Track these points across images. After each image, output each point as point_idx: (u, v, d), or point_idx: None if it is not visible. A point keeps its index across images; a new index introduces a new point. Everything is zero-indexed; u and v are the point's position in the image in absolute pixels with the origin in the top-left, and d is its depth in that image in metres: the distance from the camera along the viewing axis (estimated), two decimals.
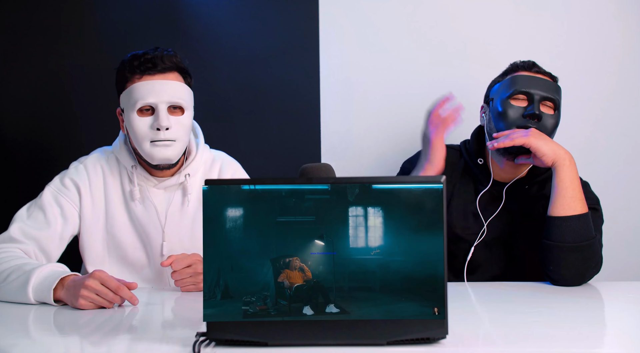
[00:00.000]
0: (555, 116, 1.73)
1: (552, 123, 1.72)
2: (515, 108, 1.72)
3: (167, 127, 1.59)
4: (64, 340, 1.14)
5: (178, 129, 1.62)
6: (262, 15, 2.31)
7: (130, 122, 1.61)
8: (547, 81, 1.74)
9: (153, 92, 1.59)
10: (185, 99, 1.64)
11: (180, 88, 1.63)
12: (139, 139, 1.61)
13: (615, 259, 2.28)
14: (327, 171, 1.28)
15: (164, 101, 1.60)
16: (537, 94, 1.71)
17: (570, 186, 1.62)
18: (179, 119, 1.62)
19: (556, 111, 1.74)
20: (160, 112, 1.59)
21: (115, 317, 1.28)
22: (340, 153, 2.35)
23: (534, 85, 1.72)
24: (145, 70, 1.61)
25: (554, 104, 1.73)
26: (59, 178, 1.69)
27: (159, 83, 1.60)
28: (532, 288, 1.57)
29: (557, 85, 1.76)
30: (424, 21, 2.34)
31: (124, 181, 1.70)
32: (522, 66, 1.78)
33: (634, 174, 2.32)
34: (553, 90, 1.73)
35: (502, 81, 1.79)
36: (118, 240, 1.69)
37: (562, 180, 1.62)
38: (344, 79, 2.34)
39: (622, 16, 2.31)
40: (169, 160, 1.63)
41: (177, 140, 1.62)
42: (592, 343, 1.09)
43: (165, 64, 1.62)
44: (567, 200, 1.61)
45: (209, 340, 1.03)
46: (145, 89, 1.59)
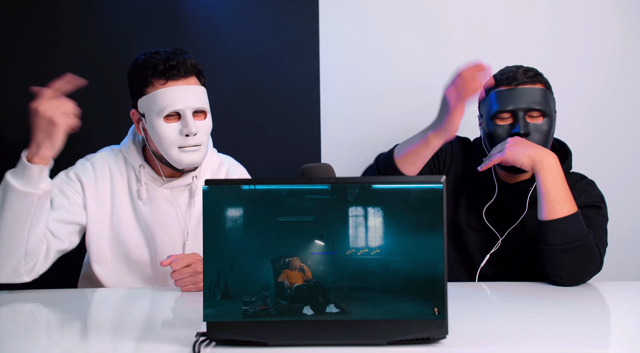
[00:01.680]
0: (545, 123, 1.71)
1: (543, 131, 1.71)
2: (502, 127, 1.72)
3: (196, 133, 1.61)
4: (64, 339, 1.14)
5: (203, 134, 1.64)
6: (262, 15, 2.31)
7: (156, 128, 1.61)
8: (529, 90, 1.71)
9: (179, 98, 1.60)
10: (206, 102, 1.67)
11: (202, 93, 1.65)
12: (166, 145, 1.61)
13: (615, 259, 2.28)
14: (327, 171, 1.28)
15: (190, 107, 1.61)
16: (520, 109, 1.69)
17: (552, 188, 1.60)
18: (202, 124, 1.64)
19: (546, 117, 1.71)
20: (187, 118, 1.60)
21: (115, 317, 1.28)
22: (340, 153, 2.35)
23: (516, 100, 1.70)
24: (170, 76, 1.61)
25: (541, 112, 1.70)
26: (64, 172, 1.70)
27: (183, 89, 1.61)
28: (532, 288, 1.57)
29: (542, 90, 1.72)
30: (424, 21, 2.34)
31: (131, 180, 1.71)
32: (501, 81, 1.74)
33: (634, 174, 2.32)
34: (537, 99, 1.70)
35: (486, 97, 1.78)
36: (123, 238, 1.69)
37: (543, 183, 1.61)
38: (344, 79, 2.34)
39: (622, 16, 2.31)
40: (196, 164, 1.66)
41: (202, 144, 1.64)
42: (592, 343, 1.09)
43: (188, 68, 1.63)
44: (552, 203, 1.59)
45: (209, 340, 1.03)
46: (172, 96, 1.59)
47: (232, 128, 2.30)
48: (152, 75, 1.61)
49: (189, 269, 1.50)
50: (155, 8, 2.28)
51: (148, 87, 1.62)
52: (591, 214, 1.70)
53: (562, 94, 2.33)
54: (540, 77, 1.76)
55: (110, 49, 2.26)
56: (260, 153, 2.30)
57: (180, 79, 1.61)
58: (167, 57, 1.61)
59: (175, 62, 1.61)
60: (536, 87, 1.72)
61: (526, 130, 1.69)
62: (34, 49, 2.26)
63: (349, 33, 2.33)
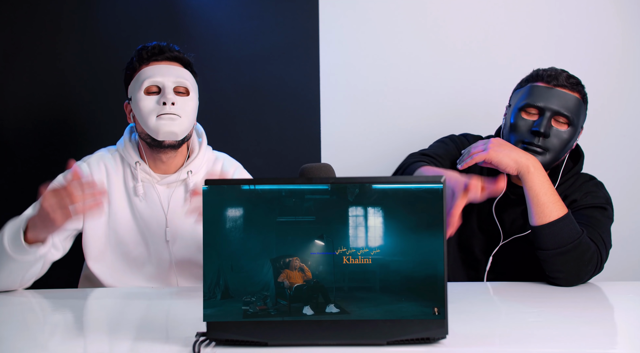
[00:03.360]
0: (568, 132, 1.68)
1: (563, 139, 1.68)
2: (525, 122, 1.69)
3: (173, 102, 1.64)
4: (65, 339, 1.14)
5: (184, 107, 1.66)
6: (262, 15, 2.31)
7: (137, 102, 1.65)
8: (565, 95, 1.69)
9: (159, 72, 1.66)
10: (190, 82, 1.69)
11: (186, 73, 1.70)
12: (145, 115, 1.64)
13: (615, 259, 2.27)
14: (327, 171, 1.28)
15: (170, 80, 1.65)
16: (549, 109, 1.67)
17: (540, 192, 1.58)
18: (184, 99, 1.67)
19: (570, 127, 1.68)
20: (166, 88, 1.64)
21: (115, 316, 1.28)
22: (340, 153, 2.35)
23: (548, 99, 1.68)
24: (152, 56, 1.68)
25: (568, 120, 1.68)
26: (62, 175, 1.70)
27: (166, 66, 1.68)
28: (532, 288, 1.57)
29: (577, 99, 1.70)
30: (424, 21, 2.34)
31: (127, 177, 1.72)
32: (541, 77, 1.73)
33: (634, 174, 2.32)
34: (570, 105, 1.68)
35: (521, 88, 1.76)
36: (120, 236, 1.69)
37: (530, 188, 1.59)
38: (344, 79, 2.34)
39: (623, 16, 2.31)
40: (174, 134, 1.65)
41: (182, 116, 1.65)
42: (592, 343, 1.09)
43: (173, 53, 1.70)
44: (541, 207, 1.58)
45: (209, 340, 1.03)
46: (152, 71, 1.66)
47: (232, 128, 2.30)
48: (137, 60, 1.69)
49: None
50: (155, 8, 2.28)
51: (135, 71, 1.69)
52: (595, 214, 1.68)
53: None
54: (581, 87, 1.73)
55: (110, 49, 2.26)
56: (260, 153, 2.30)
57: (163, 61, 1.69)
58: (153, 45, 1.70)
59: (166, 46, 1.70)
60: (573, 95, 1.70)
61: (546, 131, 1.66)
62: (34, 49, 2.26)
63: (349, 33, 2.33)
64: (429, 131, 2.01)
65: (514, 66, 2.32)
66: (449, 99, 2.34)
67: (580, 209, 1.69)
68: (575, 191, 1.74)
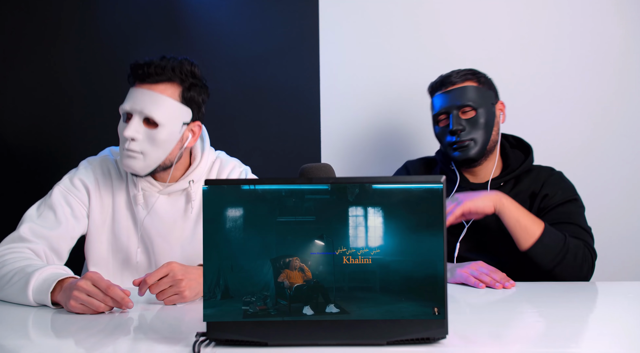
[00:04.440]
0: (480, 115, 1.82)
1: (479, 123, 1.82)
2: (442, 129, 1.87)
3: (132, 138, 1.56)
4: (65, 341, 1.14)
5: (145, 144, 1.58)
6: (262, 15, 2.31)
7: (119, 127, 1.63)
8: (458, 89, 1.83)
9: (131, 100, 1.58)
10: (162, 113, 1.57)
11: (163, 102, 1.58)
12: (120, 144, 1.62)
13: (615, 259, 2.28)
14: (327, 171, 1.28)
15: (136, 110, 1.57)
16: (451, 108, 1.82)
17: (520, 217, 1.68)
18: (150, 133, 1.58)
19: (479, 109, 1.82)
20: (131, 120, 1.57)
21: (116, 317, 1.28)
22: (340, 153, 2.35)
23: (446, 101, 1.84)
24: (141, 79, 1.59)
25: (471, 107, 1.82)
26: (68, 178, 1.68)
27: (141, 92, 1.58)
28: (532, 288, 1.57)
29: (472, 86, 1.83)
30: (424, 21, 2.34)
31: (129, 185, 1.70)
32: (435, 87, 1.89)
33: (634, 174, 2.32)
34: (466, 95, 1.82)
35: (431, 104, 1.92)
36: (122, 243, 1.69)
37: (510, 217, 1.69)
38: (344, 79, 2.34)
39: (623, 16, 2.31)
40: (135, 171, 1.61)
41: (144, 154, 1.58)
42: (592, 343, 1.09)
43: (164, 74, 1.58)
44: (524, 230, 1.68)
45: (209, 340, 1.03)
46: (130, 97, 1.59)
47: (232, 128, 2.30)
48: (131, 76, 1.62)
49: (167, 279, 1.37)
50: (155, 8, 2.28)
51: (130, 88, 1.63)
52: (570, 208, 1.78)
53: (563, 94, 2.34)
54: (471, 75, 1.86)
55: (110, 49, 2.27)
56: (260, 153, 2.30)
57: (148, 84, 1.59)
58: (150, 61, 1.59)
59: (153, 66, 1.58)
60: (466, 85, 1.84)
61: (458, 126, 1.81)
62: (34, 49, 2.26)
63: (349, 33, 2.34)
64: (429, 131, 2.01)
65: (514, 66, 2.33)
66: None
67: (556, 207, 1.79)
68: (544, 186, 1.83)
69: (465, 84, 1.84)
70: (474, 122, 1.82)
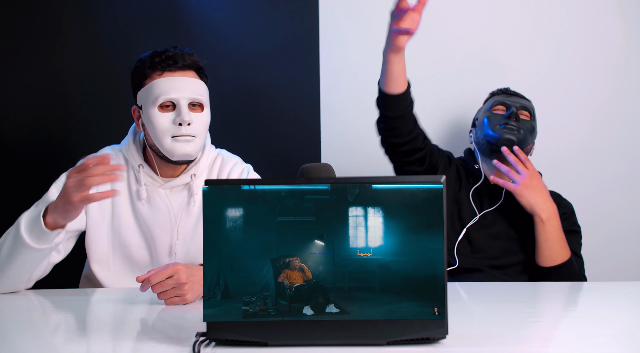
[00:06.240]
0: (532, 122, 1.94)
1: (529, 127, 1.92)
2: (496, 115, 1.93)
3: (189, 122, 1.60)
4: (67, 339, 1.14)
5: (198, 125, 1.63)
6: (262, 15, 2.31)
7: (150, 118, 1.61)
8: (522, 98, 1.98)
9: (175, 88, 1.60)
10: (204, 96, 1.65)
11: (200, 86, 1.65)
12: (160, 134, 1.61)
13: (615, 259, 2.28)
14: (327, 171, 1.28)
15: (185, 97, 1.60)
16: (513, 104, 1.93)
17: (549, 239, 1.77)
18: (199, 116, 1.63)
19: (532, 118, 1.95)
20: (182, 107, 1.60)
21: (115, 317, 1.28)
22: (340, 153, 2.35)
23: (510, 99, 1.95)
24: (166, 66, 1.62)
25: (529, 113, 1.94)
26: (65, 175, 1.69)
27: (180, 80, 1.62)
28: (532, 288, 1.57)
29: (530, 103, 1.98)
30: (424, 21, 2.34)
31: (130, 180, 1.70)
32: (497, 92, 2.02)
33: (634, 174, 2.32)
34: (527, 103, 1.96)
35: (483, 106, 2.02)
36: (123, 239, 1.69)
37: (540, 233, 1.79)
38: (344, 79, 2.34)
39: (623, 16, 2.31)
40: (189, 156, 1.63)
41: (197, 136, 1.63)
42: (592, 343, 1.09)
43: (186, 61, 1.64)
44: (548, 251, 1.77)
45: (209, 340, 1.03)
46: (167, 85, 1.60)
47: (232, 128, 2.30)
48: (149, 67, 1.62)
49: (171, 281, 1.36)
50: (155, 8, 2.28)
51: (146, 79, 1.63)
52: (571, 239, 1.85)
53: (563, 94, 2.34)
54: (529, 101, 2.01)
55: (110, 49, 2.27)
56: (260, 153, 2.30)
57: (177, 71, 1.63)
58: (165, 50, 1.64)
59: (172, 53, 1.63)
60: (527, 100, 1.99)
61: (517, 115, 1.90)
62: (34, 49, 2.26)
63: (349, 33, 2.34)
64: (429, 131, 2.01)
65: (514, 67, 2.33)
66: (448, 100, 2.34)
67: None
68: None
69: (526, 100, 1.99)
70: (527, 124, 1.91)
